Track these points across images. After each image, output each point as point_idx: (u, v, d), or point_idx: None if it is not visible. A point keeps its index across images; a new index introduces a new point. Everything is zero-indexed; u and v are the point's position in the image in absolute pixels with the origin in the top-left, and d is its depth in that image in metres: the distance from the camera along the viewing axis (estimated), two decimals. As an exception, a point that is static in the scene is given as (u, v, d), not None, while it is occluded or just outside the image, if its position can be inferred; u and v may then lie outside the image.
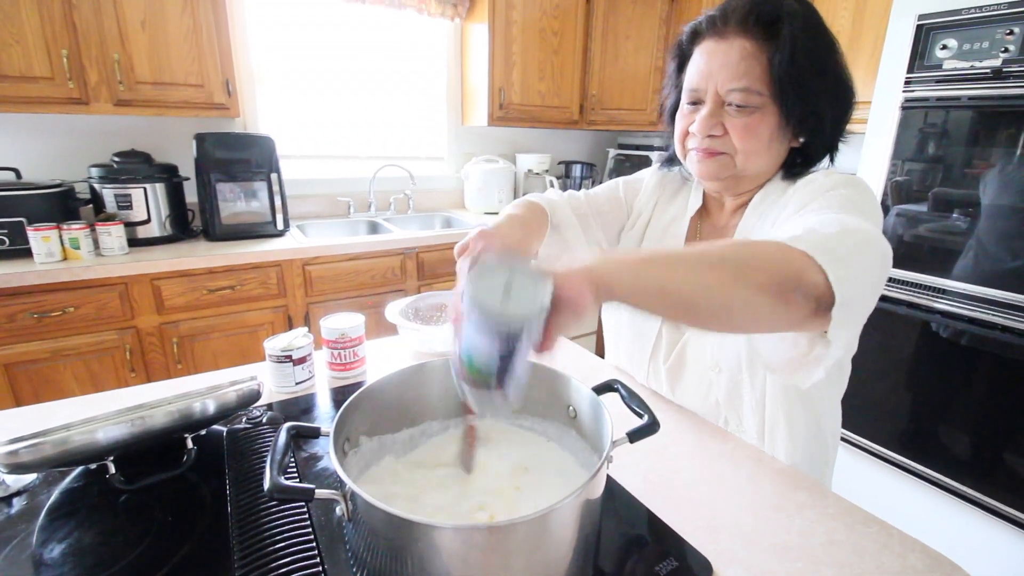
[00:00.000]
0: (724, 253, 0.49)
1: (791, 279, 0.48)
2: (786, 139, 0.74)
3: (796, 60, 0.66)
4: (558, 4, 2.63)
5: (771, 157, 0.75)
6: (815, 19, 0.70)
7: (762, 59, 0.68)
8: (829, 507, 0.66)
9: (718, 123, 0.72)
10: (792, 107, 0.69)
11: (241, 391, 0.72)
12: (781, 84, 0.67)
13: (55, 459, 0.57)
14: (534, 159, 2.96)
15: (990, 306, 1.47)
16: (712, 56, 0.71)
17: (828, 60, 0.69)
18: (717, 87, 0.71)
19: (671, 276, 0.47)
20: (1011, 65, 1.37)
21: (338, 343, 0.95)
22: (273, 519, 0.61)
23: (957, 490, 1.58)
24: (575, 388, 0.63)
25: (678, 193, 0.94)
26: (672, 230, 0.90)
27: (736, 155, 0.73)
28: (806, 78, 0.67)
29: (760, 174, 0.77)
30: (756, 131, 0.71)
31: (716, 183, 0.79)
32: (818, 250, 0.49)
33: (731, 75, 0.69)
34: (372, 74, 2.64)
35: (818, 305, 0.49)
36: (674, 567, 0.55)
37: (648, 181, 0.97)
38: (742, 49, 0.69)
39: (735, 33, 0.69)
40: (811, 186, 0.71)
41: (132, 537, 0.59)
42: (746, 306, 0.47)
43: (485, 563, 0.44)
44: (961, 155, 1.52)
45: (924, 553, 0.59)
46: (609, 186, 0.98)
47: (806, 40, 0.67)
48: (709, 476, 0.72)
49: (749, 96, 0.69)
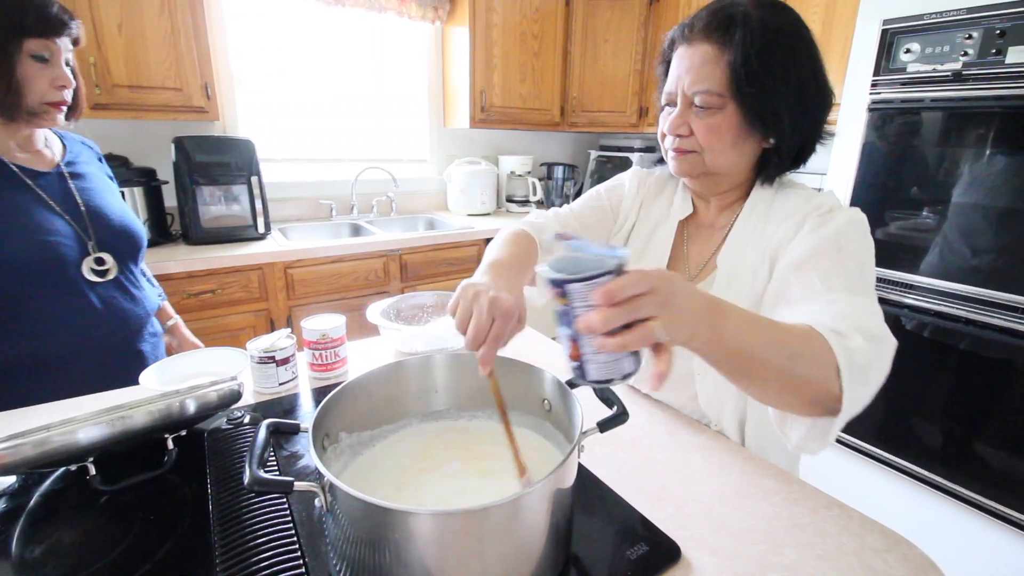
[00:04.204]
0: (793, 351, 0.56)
1: (823, 395, 0.56)
2: (755, 139, 0.77)
3: (749, 63, 0.69)
4: (538, 7, 2.66)
5: (739, 155, 0.78)
6: (776, 22, 0.72)
7: (722, 62, 0.71)
8: (794, 492, 0.69)
9: (684, 123, 0.76)
10: (752, 108, 0.72)
11: (221, 391, 0.73)
12: (738, 85, 0.71)
13: (35, 460, 0.58)
14: (516, 161, 2.99)
15: (956, 300, 1.52)
16: (681, 61, 0.76)
17: (788, 63, 0.71)
18: (684, 89, 0.75)
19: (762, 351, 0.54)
20: (971, 68, 1.43)
21: (319, 344, 0.96)
22: (255, 516, 0.62)
23: (926, 478, 1.64)
24: (549, 381, 0.65)
25: (661, 192, 0.96)
26: (659, 233, 0.92)
27: (703, 153, 0.77)
28: (762, 80, 0.70)
29: (733, 172, 0.81)
30: (718, 130, 0.74)
31: (693, 181, 0.83)
32: (849, 370, 0.55)
33: (695, 78, 0.73)
34: (353, 77, 2.64)
35: (826, 410, 0.58)
36: (644, 551, 0.58)
37: (629, 185, 0.98)
38: (704, 53, 0.73)
39: (700, 39, 0.73)
40: (809, 207, 0.74)
41: (113, 537, 0.60)
42: (780, 400, 0.59)
43: (460, 548, 0.46)
44: (926, 155, 1.57)
45: (882, 533, 0.62)
46: (591, 196, 0.99)
47: (760, 43, 0.69)
48: (681, 466, 0.75)
49: (710, 98, 0.73)
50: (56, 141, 1.11)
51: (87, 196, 1.07)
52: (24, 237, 0.96)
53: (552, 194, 3.17)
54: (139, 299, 1.13)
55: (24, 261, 0.95)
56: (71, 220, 1.03)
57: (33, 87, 0.95)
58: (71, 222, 1.02)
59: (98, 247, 1.04)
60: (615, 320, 0.45)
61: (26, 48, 0.93)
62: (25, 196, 0.99)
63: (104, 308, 1.05)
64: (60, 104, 1.00)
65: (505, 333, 0.60)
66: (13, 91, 0.94)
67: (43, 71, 0.96)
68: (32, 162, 1.03)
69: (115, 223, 1.09)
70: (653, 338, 0.46)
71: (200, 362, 0.95)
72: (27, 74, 0.94)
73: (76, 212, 1.04)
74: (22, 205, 0.98)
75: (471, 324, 0.58)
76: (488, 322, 0.58)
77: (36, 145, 1.05)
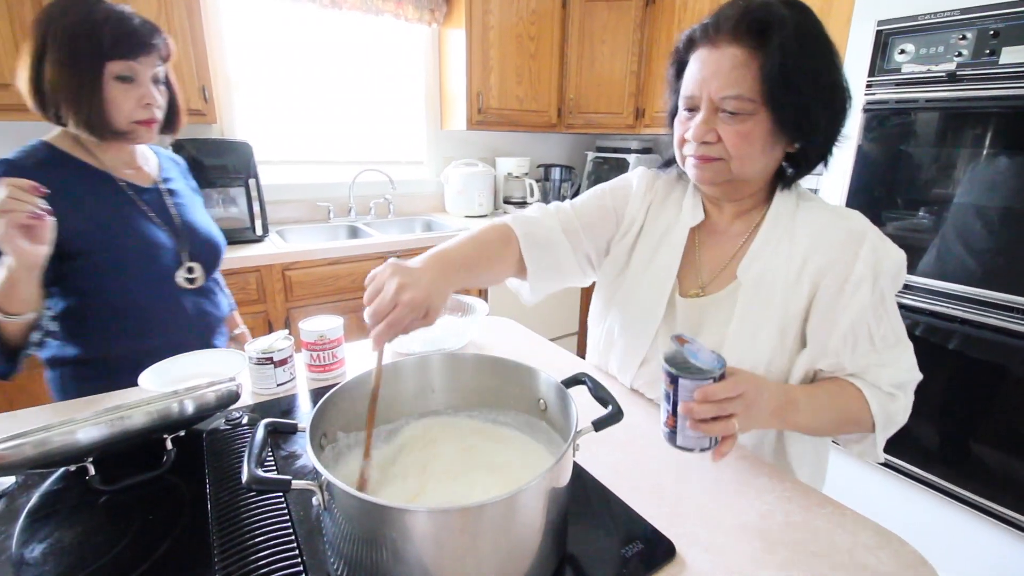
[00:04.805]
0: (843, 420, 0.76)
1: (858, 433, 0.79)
2: (781, 144, 0.75)
3: (786, 68, 0.67)
4: (534, 9, 2.67)
5: (766, 162, 0.76)
6: (808, 25, 0.70)
7: (753, 67, 0.68)
8: (787, 490, 0.70)
9: (711, 130, 0.73)
10: (784, 113, 0.70)
11: (220, 392, 0.73)
12: (772, 91, 0.68)
13: (35, 459, 0.58)
14: (513, 162, 2.99)
15: (951, 300, 1.53)
16: (705, 64, 0.72)
17: (821, 66, 0.70)
18: (711, 94, 0.72)
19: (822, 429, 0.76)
20: (965, 69, 1.44)
21: (317, 345, 0.96)
22: (253, 515, 0.62)
23: (920, 476, 1.65)
24: (544, 381, 0.66)
25: (670, 195, 0.92)
26: (669, 239, 0.89)
27: (731, 160, 0.74)
28: (798, 85, 0.68)
29: (757, 178, 0.79)
30: (749, 137, 0.72)
31: (714, 188, 0.81)
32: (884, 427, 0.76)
33: (723, 83, 0.70)
34: (351, 79, 2.65)
35: None
36: (639, 549, 0.58)
37: (636, 186, 0.95)
38: (733, 57, 0.69)
39: (727, 41, 0.70)
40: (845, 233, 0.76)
41: (112, 536, 0.60)
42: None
43: (456, 545, 0.47)
44: (921, 155, 1.58)
45: (874, 531, 0.63)
46: (595, 195, 0.96)
47: (796, 47, 0.67)
48: (676, 465, 0.75)
49: (741, 103, 0.70)
50: (152, 156, 1.18)
51: (181, 211, 1.14)
52: (133, 247, 1.04)
53: (549, 195, 3.17)
54: (218, 303, 1.21)
55: (134, 269, 1.03)
56: (169, 233, 1.10)
57: (120, 108, 0.97)
58: (170, 234, 1.10)
59: (189, 257, 1.12)
60: (708, 413, 0.59)
61: (108, 70, 0.95)
62: (133, 210, 1.06)
63: (193, 312, 1.12)
64: (148, 122, 1.02)
65: (404, 322, 0.62)
66: (101, 113, 0.96)
67: (128, 91, 0.97)
68: (136, 178, 1.10)
69: (203, 236, 1.16)
70: (732, 431, 0.60)
71: (199, 363, 0.95)
72: (112, 95, 0.96)
73: (172, 225, 1.11)
74: (131, 218, 1.05)
75: (374, 303, 0.62)
76: (389, 307, 0.61)
77: (137, 162, 1.12)
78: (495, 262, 0.84)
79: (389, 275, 0.63)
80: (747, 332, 0.79)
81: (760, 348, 0.78)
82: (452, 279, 0.71)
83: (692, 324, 0.85)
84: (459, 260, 0.75)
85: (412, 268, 0.66)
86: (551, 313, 2.85)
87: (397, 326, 0.62)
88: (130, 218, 1.05)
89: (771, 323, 0.78)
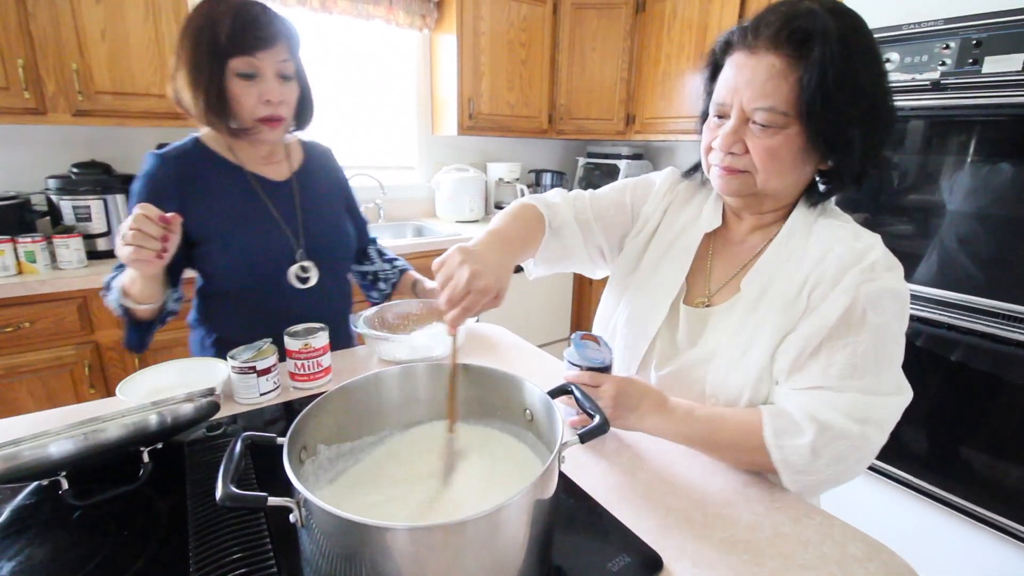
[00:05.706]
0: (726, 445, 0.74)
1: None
2: (813, 161, 0.71)
3: (826, 83, 0.62)
4: (525, 16, 2.68)
5: (795, 178, 0.72)
6: (854, 37, 0.64)
7: (791, 79, 0.64)
8: (776, 501, 0.69)
9: (739, 140, 0.70)
10: (819, 130, 0.66)
11: (199, 404, 0.72)
12: (809, 107, 0.64)
13: (5, 475, 0.56)
14: (504, 168, 2.99)
15: (942, 307, 1.54)
16: (740, 71, 0.68)
17: (864, 82, 0.65)
18: (742, 103, 0.68)
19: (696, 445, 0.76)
20: (948, 78, 1.45)
21: (301, 353, 0.95)
22: (231, 531, 0.61)
23: (912, 483, 1.65)
24: (528, 391, 0.64)
25: (691, 199, 0.90)
26: (682, 242, 0.87)
27: (757, 174, 0.71)
28: (836, 101, 0.63)
29: (784, 194, 0.75)
30: (778, 153, 0.68)
31: (737, 200, 0.78)
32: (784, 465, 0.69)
33: (757, 93, 0.66)
34: (341, 84, 2.64)
35: None
36: (626, 563, 0.57)
37: (660, 186, 0.92)
38: (770, 67, 0.65)
39: (765, 49, 0.66)
40: (852, 253, 0.69)
41: (85, 553, 0.59)
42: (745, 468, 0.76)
43: (437, 563, 0.45)
44: (909, 163, 1.60)
45: (864, 542, 0.62)
46: (616, 188, 0.95)
47: (839, 61, 0.62)
48: (664, 476, 0.74)
49: (773, 116, 0.66)
50: (297, 150, 1.19)
51: (307, 207, 1.13)
52: (247, 241, 1.05)
53: (541, 201, 3.17)
54: (336, 304, 1.20)
55: (245, 262, 1.05)
56: (288, 229, 1.10)
57: (242, 104, 0.97)
58: (286, 231, 1.09)
59: (305, 255, 1.11)
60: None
61: (231, 67, 0.94)
62: (255, 204, 1.07)
63: (302, 312, 1.05)
64: (271, 119, 1.00)
65: (477, 306, 0.66)
66: (224, 110, 0.97)
67: (250, 88, 0.96)
68: (269, 172, 1.10)
69: (325, 235, 1.15)
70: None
71: (180, 373, 0.94)
72: (235, 92, 0.96)
73: (293, 222, 1.11)
74: (250, 212, 1.06)
75: (447, 290, 0.66)
76: (463, 293, 0.65)
77: (276, 157, 1.12)
78: (535, 240, 0.87)
79: (459, 263, 0.66)
80: (738, 349, 0.76)
81: (748, 368, 0.74)
82: (512, 260, 0.76)
83: (693, 333, 0.83)
84: (515, 240, 0.80)
85: (479, 253, 0.69)
86: (541, 320, 2.84)
87: (471, 309, 0.66)
88: (250, 213, 1.06)
89: (764, 342, 0.73)
